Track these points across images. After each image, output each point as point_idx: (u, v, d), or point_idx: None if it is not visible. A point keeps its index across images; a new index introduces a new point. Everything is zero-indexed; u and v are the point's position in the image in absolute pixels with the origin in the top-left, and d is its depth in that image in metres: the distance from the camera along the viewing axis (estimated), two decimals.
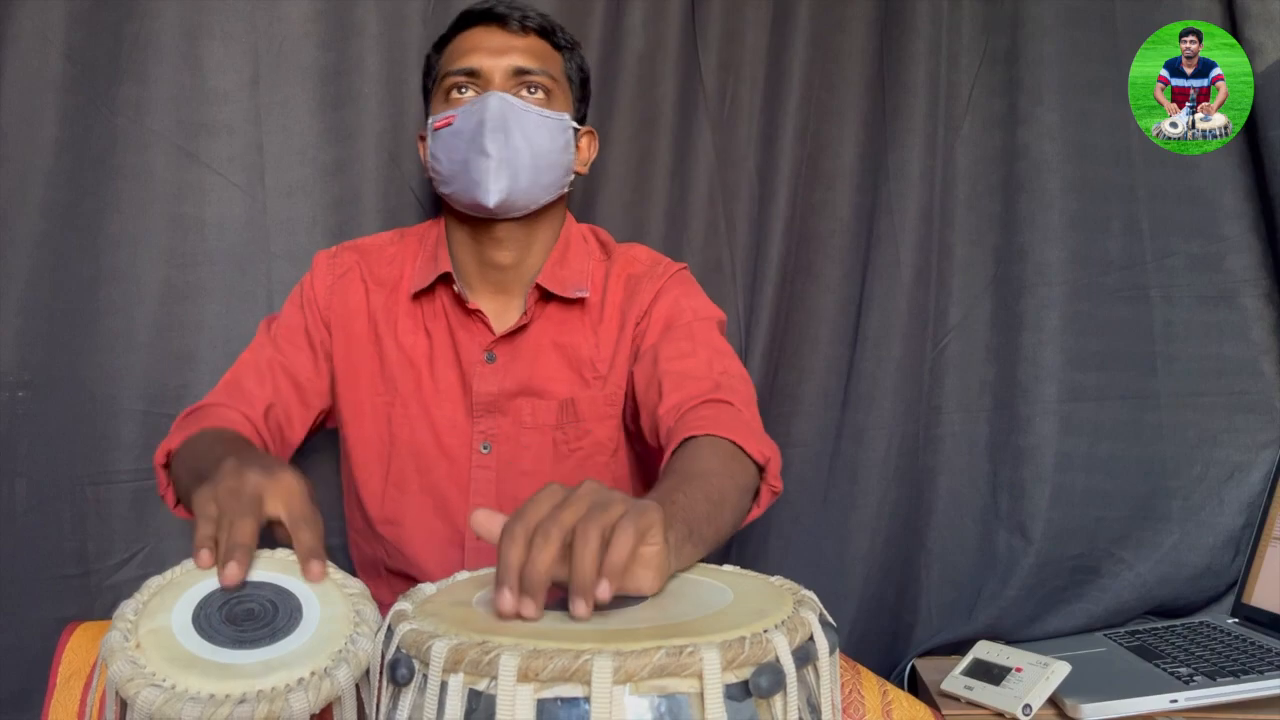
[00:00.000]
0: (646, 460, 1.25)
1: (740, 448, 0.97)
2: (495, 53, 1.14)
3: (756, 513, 1.01)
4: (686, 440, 0.97)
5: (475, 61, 1.14)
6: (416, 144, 1.28)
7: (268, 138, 1.40)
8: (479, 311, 1.19)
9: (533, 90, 1.15)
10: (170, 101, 1.37)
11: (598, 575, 0.63)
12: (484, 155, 1.11)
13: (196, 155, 1.38)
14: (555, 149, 1.16)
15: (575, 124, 1.20)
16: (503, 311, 1.21)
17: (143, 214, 1.37)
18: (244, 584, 0.77)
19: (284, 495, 0.82)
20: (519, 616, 0.64)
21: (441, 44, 1.21)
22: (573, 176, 1.21)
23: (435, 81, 1.20)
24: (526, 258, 1.19)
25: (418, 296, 1.21)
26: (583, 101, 1.24)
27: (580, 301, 1.20)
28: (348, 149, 1.41)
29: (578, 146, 1.21)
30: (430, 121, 1.18)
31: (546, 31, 1.18)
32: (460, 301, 1.19)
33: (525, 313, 1.18)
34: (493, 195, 1.12)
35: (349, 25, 1.41)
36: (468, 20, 1.18)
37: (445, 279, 1.19)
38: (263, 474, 0.83)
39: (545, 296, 1.19)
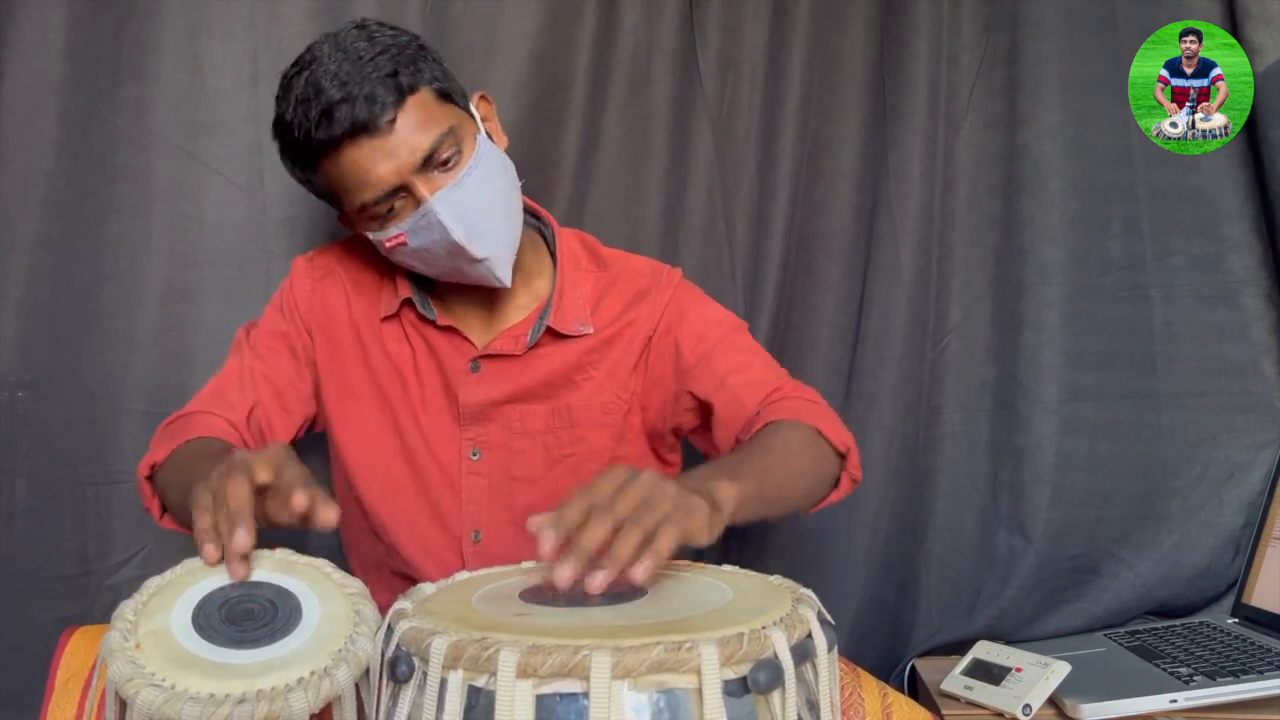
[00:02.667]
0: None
1: (823, 435, 1.05)
2: (391, 160, 1.01)
3: (835, 497, 1.09)
4: (770, 423, 1.04)
5: (381, 185, 1.02)
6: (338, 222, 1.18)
7: (267, 137, 1.40)
8: (452, 328, 1.18)
9: (448, 162, 1.04)
10: (170, 101, 1.37)
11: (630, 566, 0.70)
12: (476, 262, 1.07)
13: (196, 155, 1.38)
14: (501, 179, 1.10)
15: (479, 124, 1.10)
16: (482, 318, 1.19)
17: (143, 214, 1.37)
18: (244, 584, 0.77)
19: (271, 459, 0.81)
20: (552, 581, 0.70)
21: (305, 160, 1.07)
22: (513, 165, 1.14)
23: (333, 203, 1.12)
24: None
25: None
26: (455, 81, 1.10)
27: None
28: None
29: (489, 132, 1.12)
30: (374, 239, 1.10)
31: (400, 90, 1.02)
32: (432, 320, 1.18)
33: (527, 348, 1.17)
34: (505, 279, 1.11)
35: None
36: (328, 143, 1.02)
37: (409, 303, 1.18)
38: (249, 450, 0.83)
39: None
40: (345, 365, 1.20)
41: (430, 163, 1.04)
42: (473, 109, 1.11)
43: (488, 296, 1.17)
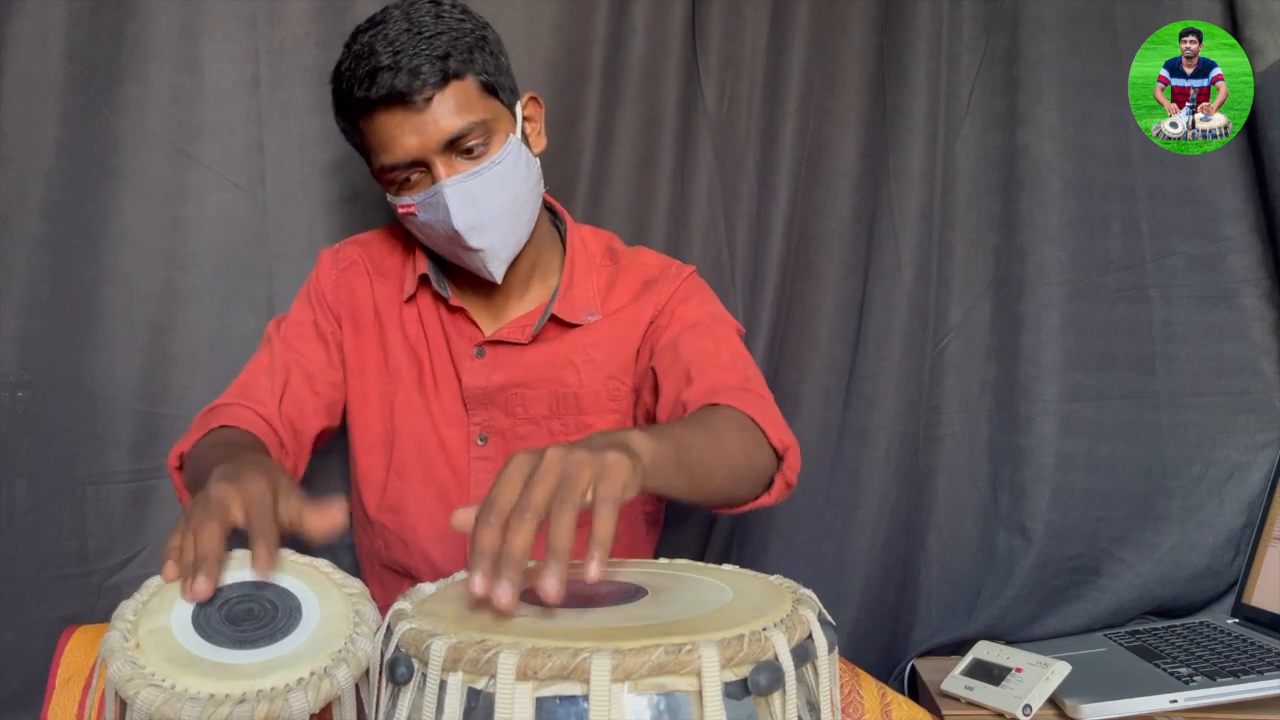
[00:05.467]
0: None
1: (762, 430, 0.99)
2: (418, 135, 1.05)
3: (767, 500, 1.03)
4: (708, 405, 0.99)
5: (404, 155, 1.06)
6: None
7: (268, 138, 1.40)
8: (462, 309, 1.19)
9: (473, 151, 1.07)
10: (170, 102, 1.37)
11: (573, 553, 0.63)
12: (471, 251, 1.10)
13: (197, 156, 1.38)
14: (521, 181, 1.12)
15: (519, 122, 1.13)
16: (494, 306, 1.21)
17: (143, 214, 1.37)
18: (244, 584, 0.77)
19: (246, 503, 0.80)
20: (492, 604, 0.63)
21: (346, 112, 1.11)
22: (540, 170, 1.16)
23: (364, 158, 1.15)
24: (514, 263, 1.18)
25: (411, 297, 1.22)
26: (509, 78, 1.13)
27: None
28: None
29: (528, 132, 1.15)
30: (389, 201, 1.14)
31: (446, 73, 1.05)
32: (445, 298, 1.20)
33: (532, 337, 1.18)
34: (498, 275, 1.14)
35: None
36: (365, 104, 1.06)
37: (426, 279, 1.20)
38: (230, 483, 0.81)
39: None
40: (366, 349, 1.23)
41: (455, 146, 1.07)
42: (518, 108, 1.13)
43: (502, 286, 1.19)
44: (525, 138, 1.14)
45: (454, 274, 1.21)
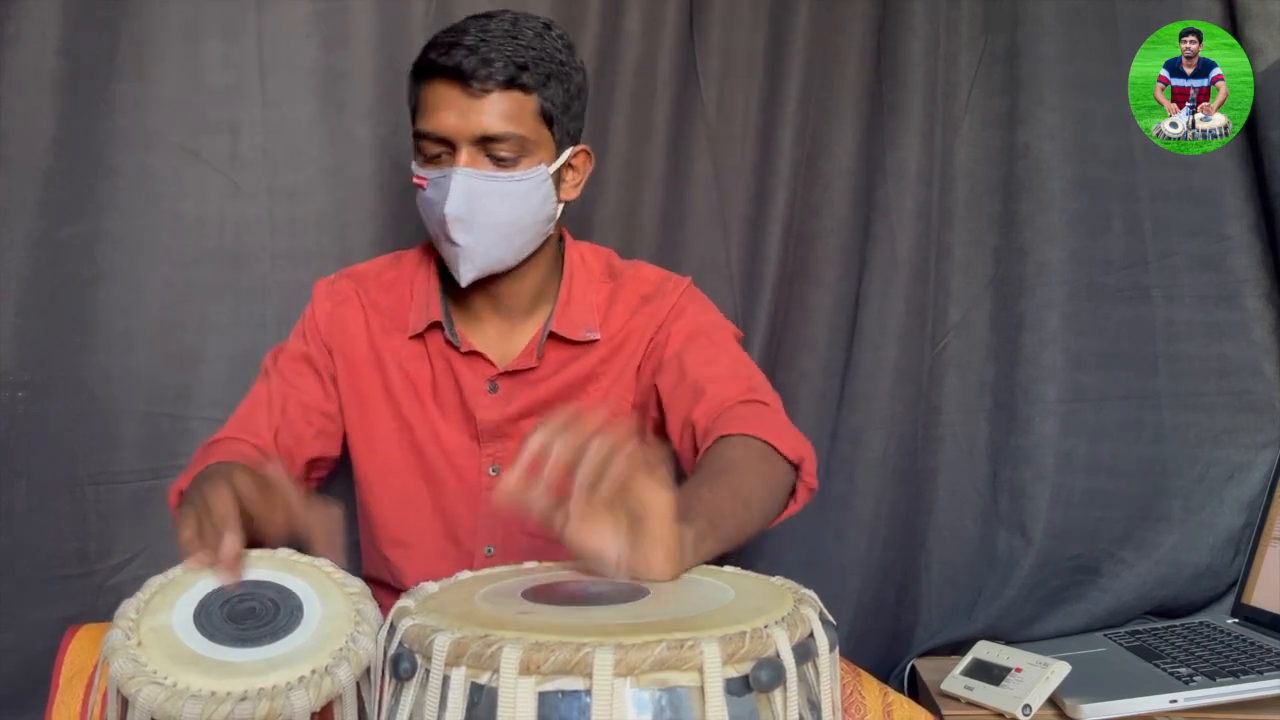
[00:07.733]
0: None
1: (774, 447, 1.00)
2: (460, 117, 1.07)
3: (793, 509, 1.04)
4: (718, 440, 1.00)
5: (440, 127, 1.08)
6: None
7: (269, 137, 1.40)
8: (475, 352, 1.19)
9: (501, 159, 1.09)
10: (170, 100, 1.37)
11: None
12: (451, 244, 1.11)
13: (197, 154, 1.38)
14: (530, 209, 1.12)
15: (559, 161, 1.13)
16: (503, 338, 1.20)
17: (143, 213, 1.37)
18: (246, 583, 0.78)
19: (254, 469, 0.84)
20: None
21: (415, 70, 1.12)
22: (557, 216, 1.16)
23: (412, 119, 1.15)
24: (520, 289, 1.19)
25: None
26: (573, 122, 1.15)
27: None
28: (349, 150, 1.41)
29: (565, 176, 1.16)
30: (413, 169, 1.14)
31: (514, 79, 1.07)
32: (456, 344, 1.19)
33: (538, 358, 1.18)
34: (464, 277, 1.13)
35: (350, 26, 1.41)
36: (432, 69, 1.09)
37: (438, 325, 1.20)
38: (231, 463, 0.85)
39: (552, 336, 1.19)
40: (362, 383, 1.21)
41: (486, 146, 1.08)
42: (567, 151, 1.14)
43: (507, 316, 1.19)
44: (559, 177, 1.14)
45: (463, 307, 1.20)
